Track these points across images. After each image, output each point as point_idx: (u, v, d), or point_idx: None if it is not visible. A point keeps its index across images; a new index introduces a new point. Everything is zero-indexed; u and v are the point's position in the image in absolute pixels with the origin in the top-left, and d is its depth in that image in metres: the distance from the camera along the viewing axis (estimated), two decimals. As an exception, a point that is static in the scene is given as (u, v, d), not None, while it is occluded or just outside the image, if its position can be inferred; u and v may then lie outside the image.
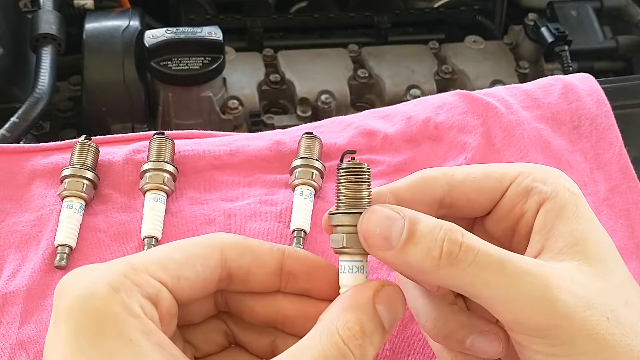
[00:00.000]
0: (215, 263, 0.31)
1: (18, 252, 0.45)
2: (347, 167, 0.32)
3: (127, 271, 0.28)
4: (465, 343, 0.33)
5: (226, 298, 0.33)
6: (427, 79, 0.88)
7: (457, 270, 0.29)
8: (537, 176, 0.33)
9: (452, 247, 0.29)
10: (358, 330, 0.28)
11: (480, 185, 0.34)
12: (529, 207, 0.33)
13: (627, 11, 0.97)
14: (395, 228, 0.30)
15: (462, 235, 0.30)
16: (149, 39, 0.75)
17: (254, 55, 0.89)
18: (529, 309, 0.29)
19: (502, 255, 0.29)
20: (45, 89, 0.69)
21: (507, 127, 0.51)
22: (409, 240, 0.30)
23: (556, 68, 0.92)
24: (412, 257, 0.30)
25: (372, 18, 0.95)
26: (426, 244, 0.29)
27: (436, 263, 0.29)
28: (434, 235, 0.29)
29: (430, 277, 0.30)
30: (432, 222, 0.30)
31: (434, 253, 0.29)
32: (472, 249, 0.29)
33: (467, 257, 0.29)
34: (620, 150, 0.52)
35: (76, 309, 0.27)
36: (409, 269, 0.30)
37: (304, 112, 0.84)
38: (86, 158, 0.47)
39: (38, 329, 0.41)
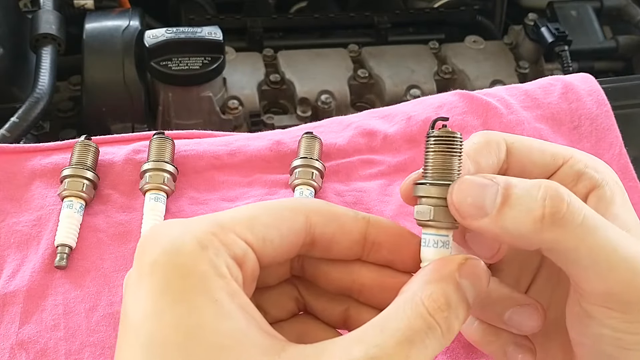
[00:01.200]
0: (301, 227, 0.30)
1: (18, 252, 0.45)
2: (438, 134, 0.29)
3: (215, 229, 0.27)
4: (504, 316, 0.32)
5: (303, 263, 0.32)
6: (427, 79, 0.88)
7: (563, 232, 0.27)
8: (589, 163, 0.33)
9: (557, 206, 0.27)
10: (444, 302, 0.27)
11: (536, 157, 0.33)
12: (578, 190, 0.32)
13: (627, 11, 0.97)
14: (488, 194, 0.28)
15: (567, 195, 0.28)
16: (149, 39, 0.75)
17: (254, 55, 0.89)
18: (625, 281, 0.28)
19: (604, 222, 0.28)
20: (45, 89, 0.69)
21: (507, 127, 0.51)
22: (505, 204, 0.28)
23: (556, 68, 0.92)
24: (510, 221, 0.28)
25: (372, 18, 0.95)
26: (525, 205, 0.28)
27: (539, 225, 0.27)
28: (534, 195, 0.28)
29: (532, 241, 0.28)
30: (529, 182, 0.28)
31: (535, 214, 0.27)
32: (579, 211, 0.28)
33: (574, 218, 0.27)
34: (620, 150, 0.52)
35: (162, 263, 0.26)
36: (508, 235, 0.28)
37: (304, 112, 0.84)
38: (86, 158, 0.47)
39: (38, 329, 0.41)
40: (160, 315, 0.25)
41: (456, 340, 0.41)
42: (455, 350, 0.41)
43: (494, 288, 0.33)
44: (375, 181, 0.50)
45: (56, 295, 0.43)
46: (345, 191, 0.49)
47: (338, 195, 0.49)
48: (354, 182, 0.50)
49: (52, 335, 0.41)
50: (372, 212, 0.47)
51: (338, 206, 0.31)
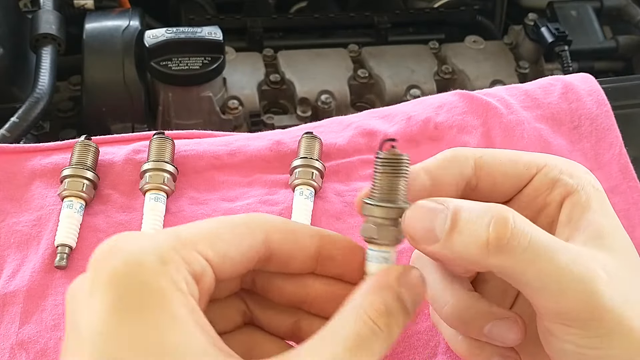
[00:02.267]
0: (259, 244, 0.30)
1: (18, 252, 0.45)
2: (385, 157, 0.31)
3: (177, 244, 0.27)
4: (484, 330, 0.33)
5: (254, 277, 0.33)
6: (427, 79, 0.88)
7: (508, 257, 0.28)
8: (563, 169, 0.33)
9: (501, 233, 0.28)
10: (384, 309, 0.28)
11: (507, 169, 0.34)
12: (552, 199, 0.33)
13: (627, 11, 0.97)
14: (438, 220, 0.29)
15: (512, 219, 0.28)
16: (149, 39, 0.75)
17: (254, 55, 0.89)
18: (575, 302, 0.28)
19: (553, 243, 0.29)
20: (45, 89, 0.69)
21: (507, 127, 0.51)
22: (453, 229, 0.29)
23: (556, 68, 0.92)
24: (458, 246, 0.29)
25: (372, 18, 0.95)
26: (472, 230, 0.28)
27: (484, 250, 0.28)
28: (480, 221, 0.28)
29: (480, 265, 0.29)
30: (477, 207, 0.29)
31: (481, 240, 0.28)
32: (525, 235, 0.28)
33: (519, 245, 0.28)
34: (620, 150, 0.52)
35: (121, 275, 0.26)
36: (458, 259, 0.29)
37: (304, 112, 0.84)
38: (86, 158, 0.47)
39: (38, 329, 0.41)
40: (117, 330, 0.25)
41: (456, 340, 0.41)
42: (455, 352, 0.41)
43: (472, 303, 0.33)
44: (375, 181, 0.50)
45: (56, 295, 0.43)
46: (345, 191, 0.49)
47: (338, 195, 0.49)
48: (354, 182, 0.50)
49: (52, 335, 0.41)
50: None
51: (295, 222, 0.32)
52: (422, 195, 0.32)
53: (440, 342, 0.41)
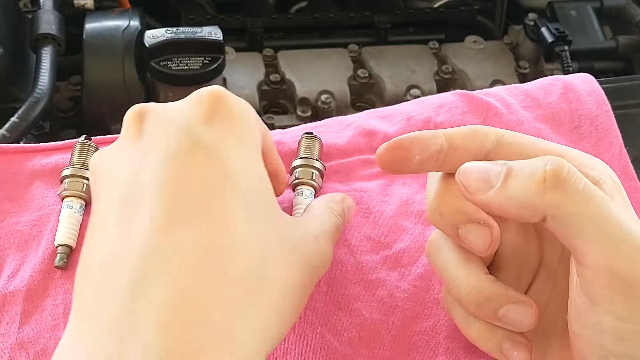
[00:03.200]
0: None
1: (18, 252, 0.45)
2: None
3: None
4: (499, 313, 0.33)
5: None
6: (427, 79, 0.88)
7: (564, 195, 0.28)
8: (583, 160, 0.33)
9: (558, 171, 0.29)
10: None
11: (527, 153, 0.33)
12: None
13: (627, 11, 0.97)
14: (493, 170, 0.30)
15: (569, 164, 0.29)
16: (149, 39, 0.75)
17: (254, 55, 0.89)
18: (628, 258, 0.28)
19: (609, 199, 0.29)
20: (45, 89, 0.69)
21: (507, 127, 0.51)
22: (509, 175, 0.30)
23: (556, 68, 0.92)
24: (514, 189, 0.29)
25: (372, 18, 0.95)
26: (528, 172, 0.29)
27: (541, 187, 0.28)
28: (536, 163, 0.29)
29: (536, 206, 0.29)
30: (531, 159, 0.30)
31: (537, 177, 0.29)
32: (580, 178, 0.29)
33: (575, 184, 0.28)
34: (620, 150, 0.52)
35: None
36: (513, 203, 0.30)
37: (304, 112, 0.84)
38: (86, 158, 0.47)
39: (38, 329, 0.41)
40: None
41: (456, 341, 0.41)
42: (455, 351, 0.41)
43: (489, 285, 0.33)
44: (375, 181, 0.50)
45: (56, 295, 0.43)
46: (345, 191, 0.49)
47: (338, 195, 0.49)
48: (354, 182, 0.50)
49: (52, 335, 0.41)
50: (372, 212, 0.47)
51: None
52: (439, 157, 0.33)
53: (441, 342, 0.41)
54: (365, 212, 0.47)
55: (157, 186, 0.29)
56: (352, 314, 0.42)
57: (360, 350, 0.41)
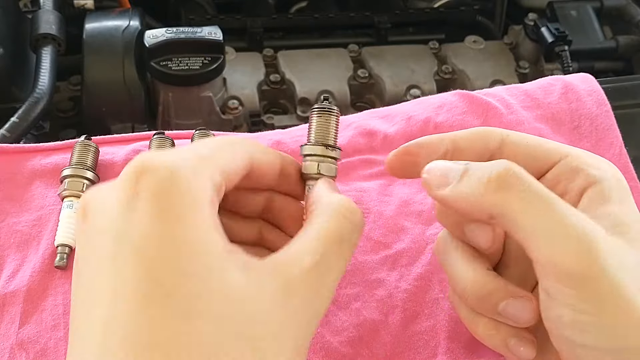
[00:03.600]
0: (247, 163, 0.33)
1: (18, 252, 0.45)
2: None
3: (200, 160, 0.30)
4: (499, 307, 0.33)
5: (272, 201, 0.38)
6: (427, 79, 0.88)
7: (509, 194, 0.30)
8: (587, 160, 0.34)
9: (503, 173, 0.31)
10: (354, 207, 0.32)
11: (532, 152, 0.35)
12: (573, 187, 0.34)
13: (627, 11, 0.97)
14: (454, 170, 0.33)
15: (515, 166, 0.31)
16: (149, 39, 0.75)
17: (254, 55, 0.89)
18: (570, 250, 0.29)
19: (554, 196, 0.30)
20: (45, 89, 0.69)
21: (507, 127, 0.51)
22: (464, 175, 0.32)
23: (556, 68, 0.92)
24: (465, 188, 0.32)
25: (372, 18, 0.95)
26: (480, 173, 0.31)
27: (487, 187, 0.31)
28: (487, 166, 0.31)
29: (482, 204, 0.31)
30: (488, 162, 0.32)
31: (485, 177, 0.31)
32: (525, 179, 0.31)
33: (518, 184, 0.30)
34: (620, 150, 0.52)
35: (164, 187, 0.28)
36: (463, 201, 0.32)
37: (304, 112, 0.84)
38: (86, 158, 0.47)
39: (38, 329, 0.41)
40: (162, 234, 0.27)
41: (456, 341, 0.41)
42: (455, 351, 0.41)
43: (489, 280, 0.34)
44: (375, 181, 0.50)
45: (56, 296, 0.43)
46: (345, 191, 0.49)
47: (338, 195, 0.49)
48: (353, 182, 0.50)
49: (52, 335, 0.41)
50: (372, 212, 0.47)
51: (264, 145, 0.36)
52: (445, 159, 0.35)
53: (441, 342, 0.41)
54: (365, 212, 0.47)
55: None
56: (352, 314, 0.42)
57: (360, 350, 0.41)
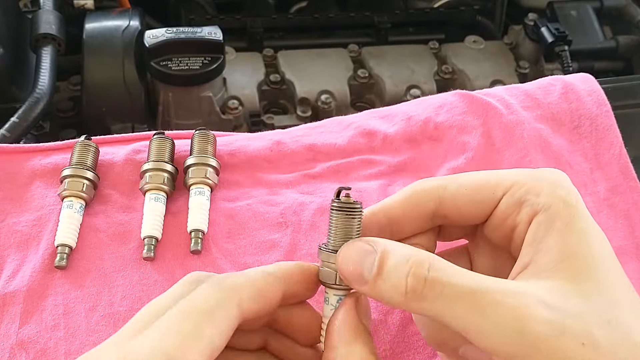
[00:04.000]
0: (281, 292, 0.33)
1: (18, 252, 0.45)
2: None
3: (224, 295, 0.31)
4: (459, 351, 0.34)
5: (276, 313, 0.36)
6: (427, 79, 0.88)
7: (424, 304, 0.30)
8: (530, 187, 0.33)
9: (416, 283, 0.30)
10: None
11: (473, 197, 0.34)
12: (520, 219, 0.33)
13: (627, 11, 0.97)
14: (366, 264, 0.31)
15: (428, 270, 0.30)
16: (149, 39, 0.75)
17: (254, 55, 0.89)
18: (499, 340, 0.29)
19: (473, 286, 0.30)
20: (45, 89, 0.69)
21: (507, 127, 0.51)
22: (378, 276, 0.31)
23: (556, 68, 0.92)
24: (383, 292, 0.31)
25: (372, 18, 0.95)
26: (393, 279, 0.31)
27: (404, 298, 0.30)
28: (400, 271, 0.30)
29: (404, 309, 0.32)
30: (400, 254, 0.31)
31: (400, 289, 0.30)
32: (438, 284, 0.30)
33: (432, 292, 0.30)
34: (620, 150, 0.52)
35: None
36: (385, 302, 0.32)
37: (304, 112, 0.84)
38: (86, 158, 0.47)
39: (38, 329, 0.41)
40: None
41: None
42: (455, 350, 0.41)
43: (444, 327, 0.33)
44: (375, 181, 0.50)
45: (56, 295, 0.43)
46: (345, 191, 0.49)
47: (338, 195, 0.49)
48: (354, 182, 0.50)
49: (52, 335, 0.41)
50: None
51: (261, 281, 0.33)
52: (383, 235, 0.34)
53: (440, 342, 0.41)
54: (365, 212, 0.47)
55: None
56: (352, 314, 0.42)
57: (360, 350, 0.41)
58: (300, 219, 0.47)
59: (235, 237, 0.46)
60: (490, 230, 0.35)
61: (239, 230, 0.47)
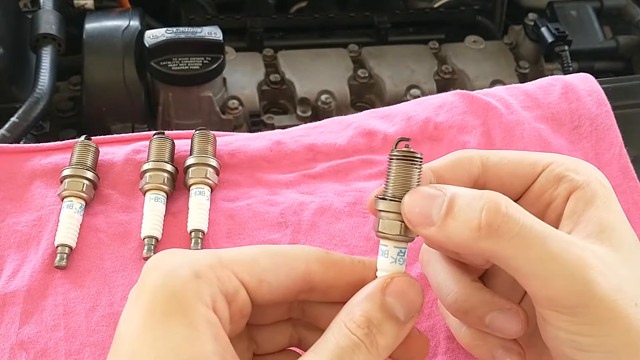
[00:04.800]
0: (299, 274, 0.31)
1: (18, 252, 0.45)
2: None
3: (214, 263, 0.29)
4: (485, 320, 0.33)
5: (303, 306, 0.34)
6: (427, 79, 0.88)
7: (498, 242, 0.29)
8: (569, 165, 0.34)
9: (492, 218, 0.29)
10: (363, 320, 0.29)
11: (514, 168, 0.35)
12: (559, 193, 0.34)
13: (627, 11, 0.97)
14: (435, 205, 0.30)
15: (505, 206, 0.29)
16: (149, 39, 0.75)
17: (254, 55, 0.89)
18: (564, 287, 0.29)
19: (545, 231, 0.30)
20: (45, 89, 0.69)
21: (507, 127, 0.51)
22: (448, 214, 0.30)
23: (556, 68, 0.92)
24: (452, 230, 0.30)
25: (372, 18, 0.95)
26: (465, 215, 0.29)
27: (476, 234, 0.29)
28: (474, 206, 0.29)
29: (473, 249, 0.30)
30: (472, 193, 0.30)
31: (472, 224, 0.29)
32: (516, 221, 0.29)
33: (509, 229, 0.29)
34: (620, 150, 0.52)
35: (157, 285, 0.28)
36: (452, 244, 0.31)
37: (304, 112, 0.84)
38: (86, 158, 0.47)
39: (38, 329, 0.41)
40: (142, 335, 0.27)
41: (456, 341, 0.41)
42: (455, 351, 0.41)
43: (474, 293, 0.34)
44: (375, 181, 0.50)
45: (56, 296, 0.43)
46: (345, 191, 0.49)
47: (338, 195, 0.49)
48: (353, 182, 0.50)
49: (52, 336, 0.41)
50: (372, 212, 0.47)
51: (336, 254, 0.33)
52: None
53: (440, 342, 0.41)
54: (366, 212, 0.47)
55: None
56: (352, 314, 0.42)
57: (360, 350, 0.41)
58: (300, 219, 0.47)
59: (235, 237, 0.46)
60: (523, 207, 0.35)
61: (239, 230, 0.47)
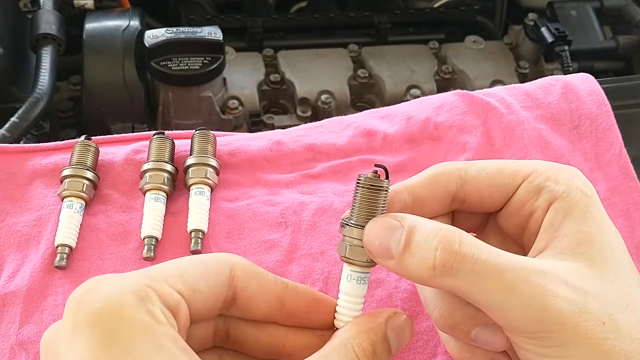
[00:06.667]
0: (225, 280, 0.31)
1: (18, 252, 0.45)
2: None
3: (149, 282, 0.29)
4: (470, 334, 0.33)
5: (228, 326, 0.34)
6: (427, 79, 0.88)
7: (454, 279, 0.30)
8: (550, 175, 0.34)
9: (446, 258, 0.30)
10: (371, 350, 0.30)
11: (493, 181, 0.35)
12: (539, 205, 0.33)
13: (627, 11, 0.97)
14: (394, 238, 0.31)
15: (458, 243, 0.30)
16: (149, 39, 0.75)
17: (254, 55, 0.89)
18: (524, 317, 0.29)
19: (502, 263, 0.30)
20: (45, 89, 0.69)
21: (507, 127, 0.51)
22: (406, 250, 0.31)
23: (556, 68, 0.92)
24: (409, 266, 0.31)
25: (372, 18, 0.95)
26: (421, 253, 0.30)
27: (432, 273, 0.30)
28: (429, 244, 0.30)
29: (431, 285, 0.31)
30: (429, 229, 0.31)
31: (428, 263, 0.30)
32: (469, 258, 0.29)
33: (463, 267, 0.29)
34: (620, 150, 0.52)
35: (103, 316, 0.27)
36: (411, 278, 0.31)
37: (304, 112, 0.84)
38: (86, 158, 0.47)
39: (38, 329, 0.41)
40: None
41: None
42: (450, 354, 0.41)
43: (459, 308, 0.34)
44: (375, 181, 0.50)
45: (56, 295, 0.43)
46: (345, 191, 0.49)
47: (338, 195, 0.49)
48: (353, 182, 0.50)
49: (52, 335, 0.41)
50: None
51: (260, 268, 0.33)
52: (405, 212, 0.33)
53: (440, 342, 0.41)
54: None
55: None
56: (352, 314, 0.42)
57: (360, 350, 0.41)
58: (300, 219, 0.47)
59: (235, 237, 0.46)
60: (504, 219, 0.35)
61: (239, 230, 0.47)
